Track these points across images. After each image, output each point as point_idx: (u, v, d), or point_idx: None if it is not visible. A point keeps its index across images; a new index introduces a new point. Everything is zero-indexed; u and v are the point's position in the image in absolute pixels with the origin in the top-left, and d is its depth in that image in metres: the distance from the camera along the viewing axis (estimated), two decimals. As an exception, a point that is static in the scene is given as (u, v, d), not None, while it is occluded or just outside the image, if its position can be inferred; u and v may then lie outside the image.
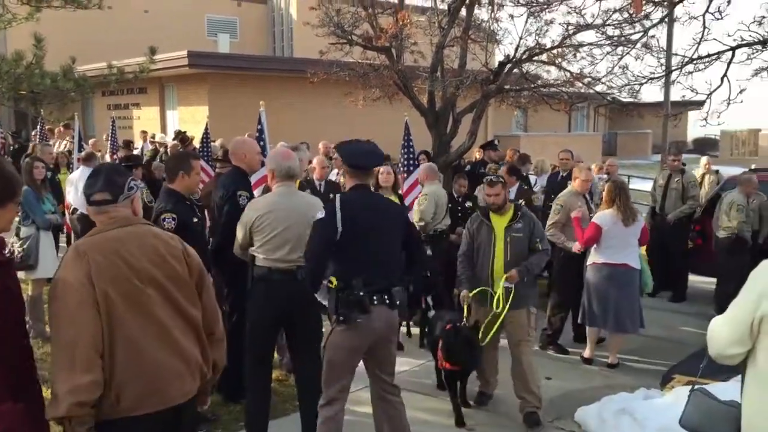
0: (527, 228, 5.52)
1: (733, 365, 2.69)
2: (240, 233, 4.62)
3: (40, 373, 5.74)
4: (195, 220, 4.93)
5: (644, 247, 7.14)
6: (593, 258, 6.69)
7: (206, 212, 5.93)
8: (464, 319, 5.46)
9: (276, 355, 5.48)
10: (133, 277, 2.62)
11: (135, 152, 13.77)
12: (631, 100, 10.70)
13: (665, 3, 6.39)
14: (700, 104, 7.96)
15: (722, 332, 2.64)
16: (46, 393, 5.30)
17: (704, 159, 12.05)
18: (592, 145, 28.76)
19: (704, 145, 35.13)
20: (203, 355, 2.83)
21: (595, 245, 6.65)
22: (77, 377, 2.44)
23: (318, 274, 3.97)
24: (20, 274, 6.85)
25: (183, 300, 2.75)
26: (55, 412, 2.46)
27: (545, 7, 8.95)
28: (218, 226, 5.25)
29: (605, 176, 9.78)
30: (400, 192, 7.61)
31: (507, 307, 5.34)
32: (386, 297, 4.00)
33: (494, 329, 5.43)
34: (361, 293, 3.92)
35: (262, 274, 4.49)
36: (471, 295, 5.49)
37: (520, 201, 7.05)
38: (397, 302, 4.05)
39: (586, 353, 6.81)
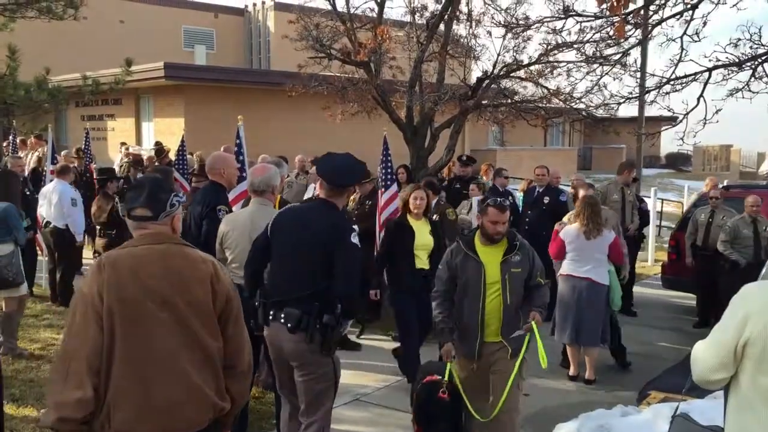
0: (527, 261, 4.59)
1: (715, 389, 2.68)
2: (216, 247, 4.64)
3: (8, 392, 5.64)
4: None
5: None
6: (560, 269, 6.85)
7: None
8: (446, 378, 4.53)
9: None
10: (145, 299, 2.56)
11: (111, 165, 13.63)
12: (607, 115, 10.85)
13: (642, 25, 6.49)
14: (673, 120, 8.07)
15: (706, 357, 2.63)
16: (15, 411, 5.20)
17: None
18: (568, 159, 29.03)
19: (677, 160, 35.62)
20: (217, 387, 2.69)
21: (564, 258, 6.83)
22: (67, 392, 2.44)
23: (250, 280, 4.12)
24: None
25: (200, 328, 2.64)
26: (44, 422, 2.50)
27: (524, 30, 9.04)
28: (195, 239, 5.20)
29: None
30: (434, 218, 7.08)
31: (517, 365, 4.49)
32: (280, 314, 3.86)
33: (504, 396, 4.42)
34: (257, 303, 4.01)
35: None
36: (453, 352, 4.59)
37: (435, 216, 7.10)
38: (289, 324, 3.80)
39: (571, 371, 6.83)
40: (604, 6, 3.28)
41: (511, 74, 9.89)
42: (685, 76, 6.37)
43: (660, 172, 32.62)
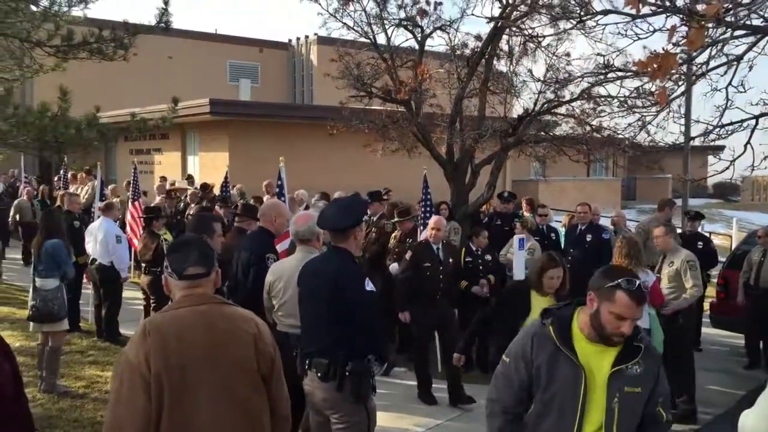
0: (650, 377, 2.97)
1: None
2: (264, 296, 4.71)
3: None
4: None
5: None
6: None
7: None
8: None
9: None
10: (192, 364, 2.58)
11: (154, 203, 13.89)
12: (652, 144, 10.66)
13: (684, 77, 6.43)
14: (720, 149, 7.93)
15: (754, 427, 2.54)
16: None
17: None
18: (611, 190, 28.65)
19: (725, 190, 34.89)
20: None
21: None
22: None
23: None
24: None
25: (243, 387, 2.67)
26: None
27: (563, 85, 9.10)
28: (242, 286, 5.26)
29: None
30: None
31: None
32: (313, 366, 3.92)
33: None
34: (294, 353, 4.18)
35: (278, 339, 4.48)
36: None
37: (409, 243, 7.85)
38: (319, 374, 3.87)
39: None
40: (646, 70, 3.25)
41: (552, 111, 9.85)
42: (731, 123, 6.26)
43: (708, 202, 31.94)
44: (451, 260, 7.25)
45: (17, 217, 14.37)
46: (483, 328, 5.97)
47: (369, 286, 3.95)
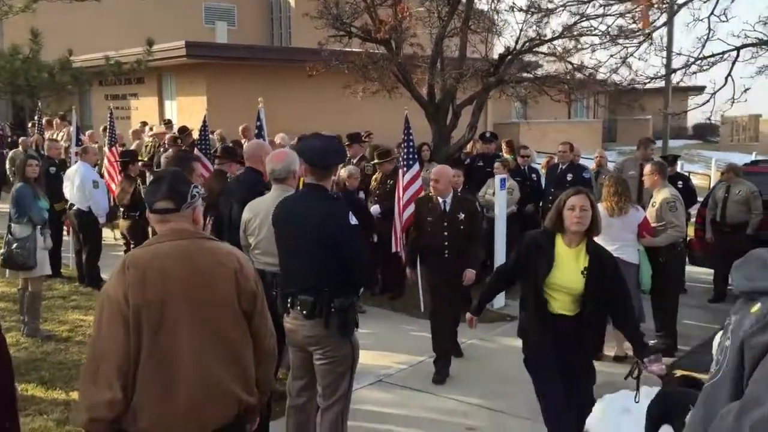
0: None
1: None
2: (240, 234, 4.69)
3: (37, 374, 5.77)
4: None
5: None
6: None
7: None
8: None
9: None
10: (170, 299, 2.57)
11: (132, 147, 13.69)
12: (631, 88, 10.64)
13: (666, 6, 6.33)
14: (700, 90, 7.91)
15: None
16: (44, 393, 5.28)
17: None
18: (593, 132, 28.67)
19: (704, 131, 35.03)
20: (245, 383, 2.71)
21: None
22: (97, 393, 2.47)
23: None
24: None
25: (225, 324, 2.66)
26: (76, 422, 2.63)
27: (546, 14, 8.91)
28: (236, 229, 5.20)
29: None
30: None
31: None
32: (297, 302, 3.93)
33: None
34: (274, 292, 4.13)
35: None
36: None
37: None
38: (304, 311, 3.88)
39: (617, 351, 6.74)
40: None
41: (534, 49, 9.75)
42: (713, 56, 6.22)
43: (687, 143, 32.11)
44: (461, 215, 6.09)
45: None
46: (505, 287, 5.61)
47: (353, 220, 3.96)
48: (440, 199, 6.16)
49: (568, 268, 4.07)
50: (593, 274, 4.04)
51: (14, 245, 6.62)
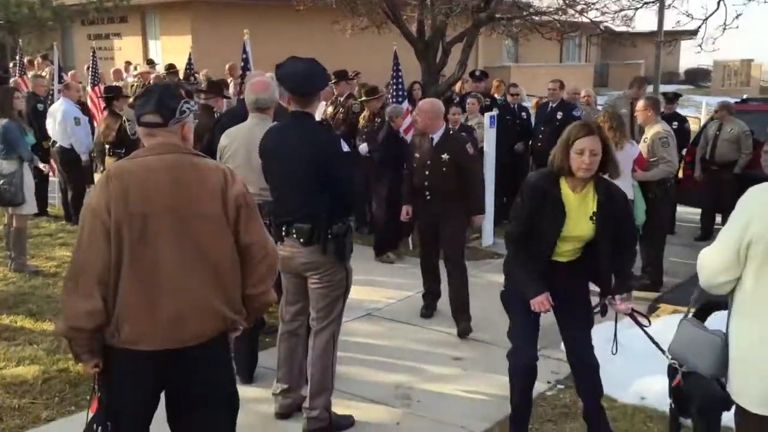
0: None
1: (723, 294, 2.69)
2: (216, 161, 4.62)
3: (26, 306, 5.78)
4: None
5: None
6: None
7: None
8: None
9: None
10: (149, 211, 2.53)
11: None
12: (624, 29, 10.50)
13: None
14: (693, 33, 7.79)
15: (712, 260, 2.64)
16: (33, 324, 5.30)
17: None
18: (584, 75, 28.44)
19: (696, 76, 34.86)
20: (228, 300, 2.67)
21: None
22: (78, 303, 2.48)
23: None
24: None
25: (209, 241, 2.61)
26: (57, 329, 2.60)
27: None
28: None
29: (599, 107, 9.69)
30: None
31: None
32: (292, 230, 3.91)
33: None
34: (267, 221, 3.98)
35: None
36: None
37: None
38: (301, 239, 3.88)
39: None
40: None
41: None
42: (705, -21, 6.08)
43: (679, 88, 31.88)
44: (445, 156, 5.56)
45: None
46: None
47: (345, 147, 3.94)
48: (431, 136, 5.71)
49: (577, 216, 3.60)
50: (604, 219, 3.59)
51: (1, 181, 6.53)
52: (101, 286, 2.50)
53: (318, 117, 8.26)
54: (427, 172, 5.69)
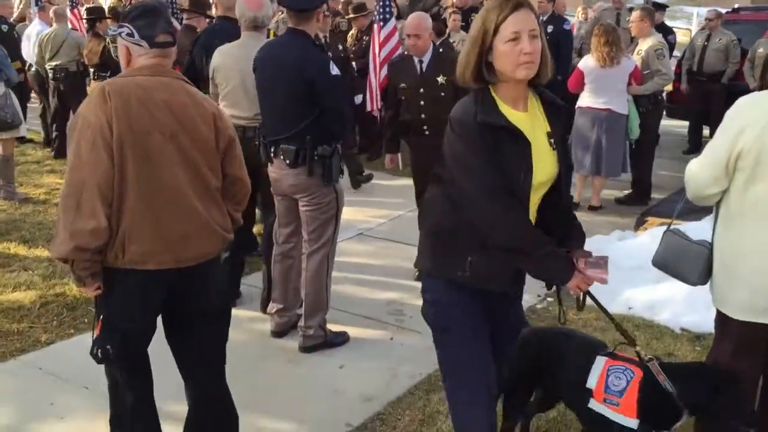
0: None
1: (709, 205, 2.73)
2: (210, 83, 4.54)
3: (18, 234, 5.80)
4: None
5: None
6: (579, 102, 6.75)
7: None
8: None
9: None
10: (154, 130, 2.50)
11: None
12: None
13: None
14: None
15: (700, 172, 2.66)
16: (26, 251, 5.33)
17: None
18: (574, -12, 27.80)
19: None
20: (222, 222, 2.72)
21: (583, 90, 6.68)
22: (80, 221, 2.39)
23: None
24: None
25: (203, 164, 2.62)
26: (57, 252, 2.45)
27: None
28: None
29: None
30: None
31: None
32: (279, 151, 3.91)
33: None
34: (257, 142, 4.10)
35: None
36: None
37: None
38: (287, 160, 3.87)
39: (575, 197, 6.85)
40: None
41: None
42: None
43: (669, -1, 31.36)
44: (441, 78, 4.74)
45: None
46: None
47: (334, 70, 3.85)
48: (416, 59, 4.86)
49: (537, 148, 2.31)
50: (561, 143, 2.42)
51: None
52: (105, 203, 2.43)
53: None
54: (422, 102, 4.84)
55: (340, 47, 7.15)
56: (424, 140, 4.87)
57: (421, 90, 4.84)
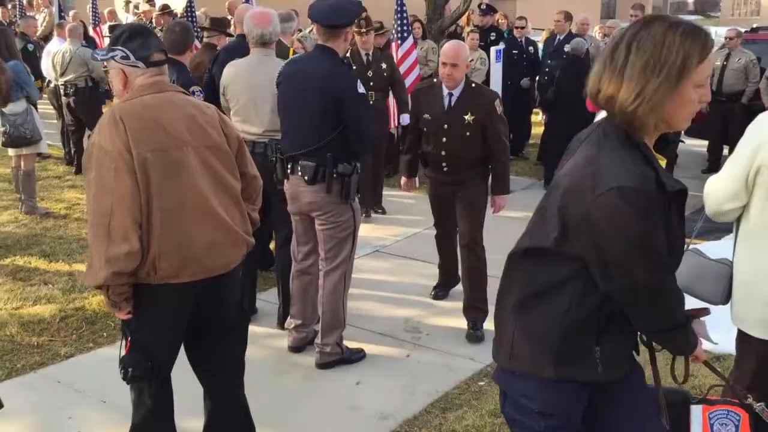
0: None
1: (728, 222, 2.71)
2: (221, 98, 4.58)
3: (39, 248, 5.86)
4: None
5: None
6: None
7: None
8: None
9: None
10: (171, 146, 2.55)
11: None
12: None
13: None
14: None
15: (718, 188, 2.65)
16: (47, 265, 5.38)
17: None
18: (591, 7, 27.81)
19: (705, 6, 34.13)
20: (244, 226, 2.78)
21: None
22: (114, 247, 2.43)
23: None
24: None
25: (222, 169, 2.68)
26: (95, 280, 2.49)
27: None
28: None
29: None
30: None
31: None
32: (297, 168, 3.91)
33: None
34: (273, 159, 4.10)
35: None
36: None
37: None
38: (306, 177, 3.86)
39: None
40: None
41: None
42: None
43: (688, 18, 31.32)
44: (469, 116, 4.35)
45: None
46: None
47: (361, 89, 3.86)
48: (445, 91, 4.45)
49: None
50: None
51: (17, 121, 6.52)
52: (136, 226, 2.47)
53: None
54: (444, 139, 4.48)
55: (384, 65, 7.12)
56: (442, 176, 4.62)
57: (445, 126, 4.46)
